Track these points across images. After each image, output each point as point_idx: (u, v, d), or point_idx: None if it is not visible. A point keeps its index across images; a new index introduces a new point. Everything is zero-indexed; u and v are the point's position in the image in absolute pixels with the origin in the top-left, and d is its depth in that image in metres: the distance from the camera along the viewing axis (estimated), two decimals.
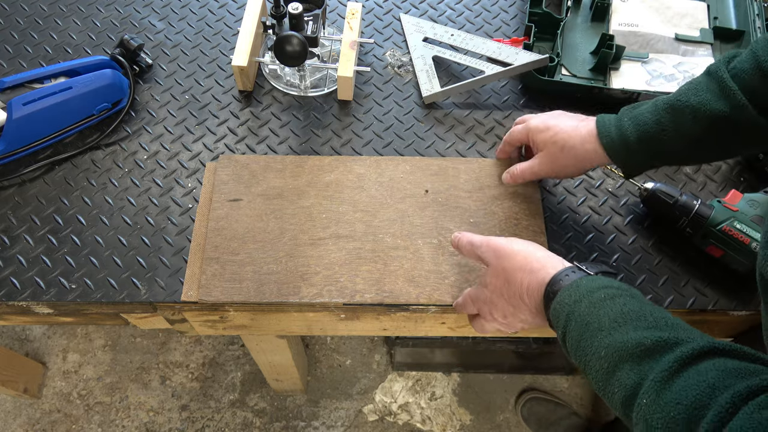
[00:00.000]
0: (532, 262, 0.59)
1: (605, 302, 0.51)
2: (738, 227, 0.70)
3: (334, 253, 0.74)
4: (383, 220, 0.76)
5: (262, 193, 0.77)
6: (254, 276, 0.72)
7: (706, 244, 0.74)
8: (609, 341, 0.48)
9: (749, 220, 0.71)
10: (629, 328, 0.48)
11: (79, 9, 0.98)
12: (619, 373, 0.46)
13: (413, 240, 0.75)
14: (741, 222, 0.71)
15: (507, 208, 0.78)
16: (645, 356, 0.45)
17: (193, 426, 1.44)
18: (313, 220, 0.76)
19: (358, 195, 0.78)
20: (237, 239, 0.74)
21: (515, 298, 0.59)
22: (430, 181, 0.80)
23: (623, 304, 0.50)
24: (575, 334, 0.51)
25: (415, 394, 1.48)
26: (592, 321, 0.50)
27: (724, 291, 0.75)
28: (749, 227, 0.70)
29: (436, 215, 0.77)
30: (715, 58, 0.94)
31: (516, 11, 1.01)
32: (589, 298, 0.51)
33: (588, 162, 0.70)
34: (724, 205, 0.72)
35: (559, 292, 0.54)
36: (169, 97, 0.89)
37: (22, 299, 0.73)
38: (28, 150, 0.81)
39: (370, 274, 0.73)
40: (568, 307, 0.52)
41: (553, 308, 0.54)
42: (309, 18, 0.85)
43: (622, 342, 0.47)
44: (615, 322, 0.49)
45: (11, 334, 1.54)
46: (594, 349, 0.49)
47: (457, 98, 0.91)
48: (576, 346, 0.51)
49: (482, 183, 0.80)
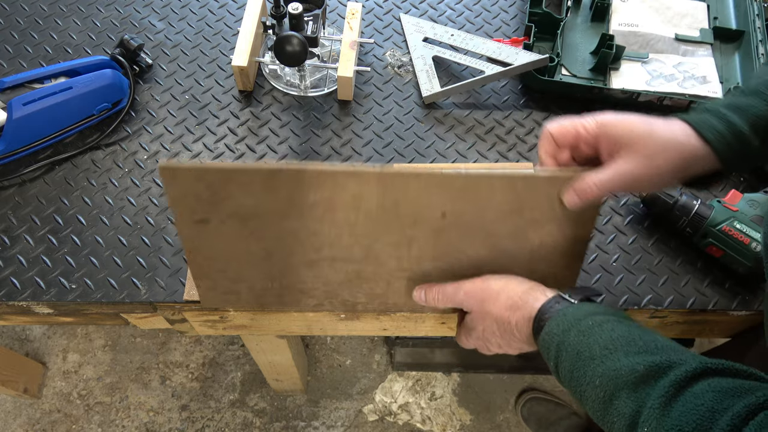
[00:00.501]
0: (515, 299, 0.57)
1: (593, 329, 0.50)
2: (738, 227, 0.71)
3: (332, 275, 0.65)
4: (386, 245, 0.63)
5: (233, 213, 0.59)
6: (250, 292, 0.67)
7: (706, 244, 0.74)
8: (602, 370, 0.47)
9: (749, 220, 0.71)
10: (620, 354, 0.47)
11: (79, 9, 0.98)
12: (616, 402, 0.45)
13: (421, 264, 0.64)
14: (741, 222, 0.71)
15: (546, 233, 0.61)
16: (640, 383, 0.44)
17: (193, 426, 1.44)
18: (302, 243, 0.62)
19: (354, 217, 0.60)
20: (220, 259, 0.64)
21: (507, 334, 0.58)
22: (451, 200, 0.59)
23: (611, 330, 0.49)
24: (567, 365, 0.50)
25: (415, 394, 1.48)
26: (583, 350, 0.49)
27: (724, 291, 0.75)
28: (749, 227, 0.70)
29: (453, 240, 0.62)
30: (715, 58, 0.94)
31: (516, 11, 1.01)
32: (578, 326, 0.50)
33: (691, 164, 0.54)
34: (724, 205, 0.72)
35: (546, 323, 0.53)
36: (169, 97, 0.89)
37: (22, 299, 0.73)
38: (28, 150, 0.81)
39: (372, 290, 0.67)
40: (558, 338, 0.51)
41: (542, 339, 0.53)
42: (309, 18, 0.85)
43: (615, 369, 0.46)
44: (606, 350, 0.48)
45: (11, 334, 1.54)
46: (588, 378, 0.48)
47: (457, 98, 0.91)
48: (569, 376, 0.50)
49: (522, 203, 0.59)
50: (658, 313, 0.76)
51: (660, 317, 0.77)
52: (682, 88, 0.89)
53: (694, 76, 0.90)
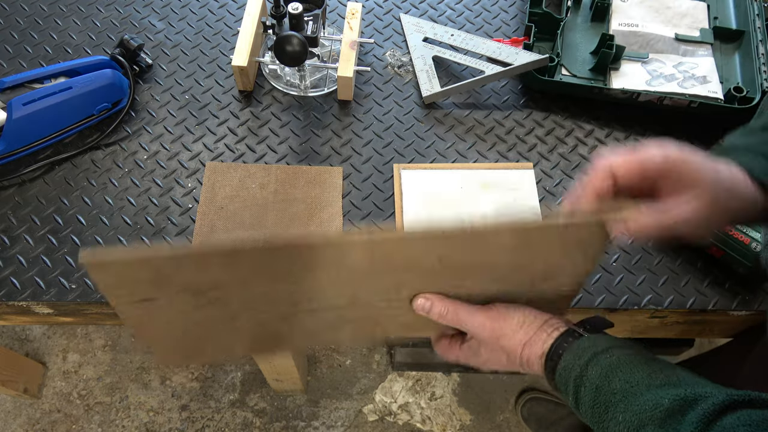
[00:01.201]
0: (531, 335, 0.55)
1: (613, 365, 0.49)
2: (738, 227, 0.70)
3: (311, 323, 0.58)
4: (374, 291, 0.56)
5: (185, 288, 0.51)
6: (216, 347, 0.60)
7: (706, 245, 0.74)
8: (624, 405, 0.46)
9: None
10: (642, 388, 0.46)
11: (79, 9, 0.98)
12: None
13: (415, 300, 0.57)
14: None
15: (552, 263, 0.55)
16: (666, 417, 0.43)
17: (193, 426, 1.44)
18: (274, 302, 0.55)
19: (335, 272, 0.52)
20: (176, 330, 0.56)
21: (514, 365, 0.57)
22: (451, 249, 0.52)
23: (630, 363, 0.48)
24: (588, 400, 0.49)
25: (415, 394, 1.48)
26: (603, 385, 0.48)
27: (724, 291, 0.75)
28: (749, 227, 0.70)
29: (449, 279, 0.56)
30: (716, 58, 0.94)
31: (516, 11, 1.01)
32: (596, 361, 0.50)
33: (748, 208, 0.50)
34: None
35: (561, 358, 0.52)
36: (169, 97, 0.89)
37: (22, 299, 0.73)
38: (28, 150, 0.81)
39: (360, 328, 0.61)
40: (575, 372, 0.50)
41: (559, 374, 0.52)
42: (309, 18, 0.85)
43: (639, 404, 0.45)
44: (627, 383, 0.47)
45: (11, 334, 1.54)
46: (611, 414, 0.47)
47: (457, 98, 0.91)
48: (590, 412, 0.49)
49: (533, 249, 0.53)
50: (658, 313, 0.76)
51: (660, 317, 0.77)
52: (682, 88, 0.89)
53: (694, 76, 0.90)
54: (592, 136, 0.88)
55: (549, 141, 0.87)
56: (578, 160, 0.86)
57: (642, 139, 0.88)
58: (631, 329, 0.83)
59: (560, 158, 0.86)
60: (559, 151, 0.86)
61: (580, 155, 0.86)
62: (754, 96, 0.85)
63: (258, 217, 0.78)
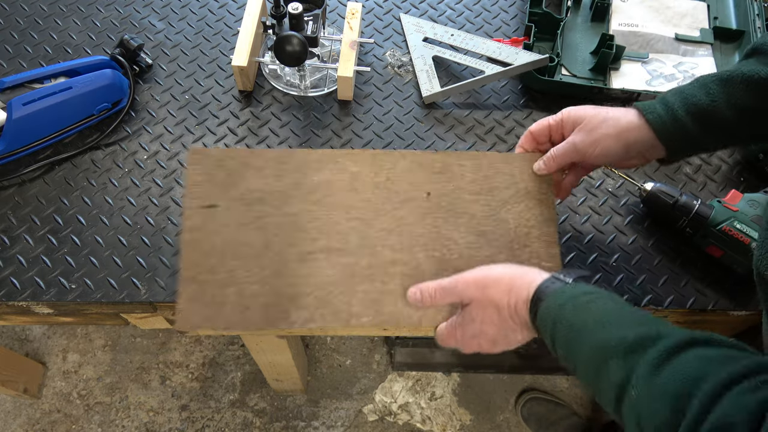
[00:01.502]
0: (516, 281, 0.59)
1: (588, 305, 0.52)
2: (738, 227, 0.70)
3: (326, 270, 0.65)
4: (380, 230, 0.67)
5: (241, 197, 0.65)
6: (237, 299, 0.63)
7: (706, 244, 0.74)
8: (594, 340, 0.50)
9: (749, 220, 0.71)
10: (612, 327, 0.49)
11: (79, 9, 0.98)
12: (606, 370, 0.47)
13: (414, 253, 0.66)
14: (741, 222, 0.71)
15: (518, 213, 0.68)
16: (629, 351, 0.46)
17: (193, 426, 1.44)
18: (301, 230, 0.65)
19: (351, 198, 0.67)
20: (215, 254, 0.64)
21: (506, 321, 0.59)
22: (433, 181, 0.69)
23: (604, 305, 0.52)
24: (562, 337, 0.52)
25: (415, 394, 1.48)
26: (577, 323, 0.51)
27: (724, 291, 0.75)
28: (749, 227, 0.70)
29: (439, 223, 0.68)
30: (716, 58, 0.94)
31: (516, 11, 1.01)
32: (573, 302, 0.53)
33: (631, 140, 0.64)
34: (724, 205, 0.72)
35: (543, 301, 0.55)
36: (169, 97, 0.89)
37: (22, 299, 0.73)
38: (28, 150, 0.81)
39: (367, 295, 0.64)
40: (554, 312, 0.53)
41: (539, 316, 0.55)
42: (309, 18, 0.85)
43: (606, 339, 0.49)
44: (598, 323, 0.50)
45: (11, 334, 1.54)
46: (581, 349, 0.50)
47: (457, 98, 0.91)
48: (565, 348, 0.52)
49: (491, 183, 0.69)
50: (658, 313, 0.76)
51: (660, 317, 0.77)
52: None
53: (694, 76, 0.90)
54: None
55: None
56: None
57: None
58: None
59: None
60: None
61: None
62: None
63: None
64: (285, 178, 0.67)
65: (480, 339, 0.61)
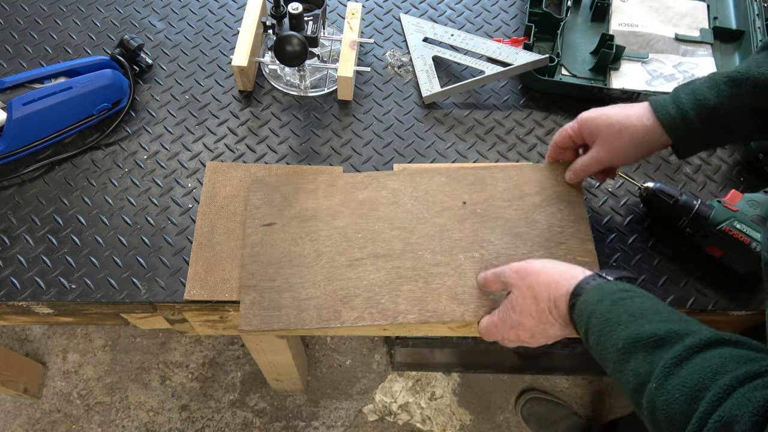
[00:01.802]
0: (556, 276, 0.61)
1: (624, 301, 0.54)
2: (738, 227, 0.70)
3: (373, 274, 0.71)
4: (421, 236, 0.74)
5: (296, 215, 0.75)
6: (293, 302, 0.70)
7: (706, 244, 0.74)
8: (626, 334, 0.51)
9: (749, 220, 0.71)
10: (644, 321, 0.51)
11: (79, 9, 0.98)
12: (633, 362, 0.49)
13: (454, 255, 0.72)
14: (741, 222, 0.71)
15: (550, 215, 0.75)
16: (657, 346, 0.48)
17: (193, 426, 1.44)
18: (349, 240, 0.74)
19: (393, 211, 0.75)
20: (273, 265, 0.72)
21: (544, 313, 0.61)
22: (467, 192, 0.76)
23: (641, 303, 0.53)
24: (596, 329, 0.54)
25: (415, 394, 1.48)
26: (612, 317, 0.53)
27: (724, 291, 0.75)
28: (749, 227, 0.70)
29: (476, 227, 0.74)
30: (715, 58, 0.94)
31: (516, 11, 1.01)
32: (610, 297, 0.55)
33: (647, 143, 0.68)
34: (724, 205, 0.72)
35: (582, 295, 0.57)
36: (169, 97, 0.89)
37: (22, 299, 0.73)
38: (28, 150, 0.81)
39: (412, 294, 0.70)
40: (591, 306, 0.55)
41: (577, 309, 0.57)
42: (309, 18, 0.85)
43: (638, 333, 0.50)
44: (632, 317, 0.52)
45: (11, 334, 1.54)
46: (612, 341, 0.52)
47: (457, 98, 0.91)
48: (597, 341, 0.54)
49: (522, 191, 0.77)
50: None
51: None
52: None
53: (694, 76, 0.90)
54: None
55: (549, 141, 0.87)
56: None
57: None
58: None
59: None
60: None
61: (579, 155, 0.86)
62: None
63: None
64: (333, 197, 0.77)
65: (518, 330, 0.64)
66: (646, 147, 0.69)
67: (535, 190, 0.77)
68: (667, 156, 0.86)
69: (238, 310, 0.74)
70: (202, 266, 0.74)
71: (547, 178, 0.78)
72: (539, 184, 0.77)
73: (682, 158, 0.71)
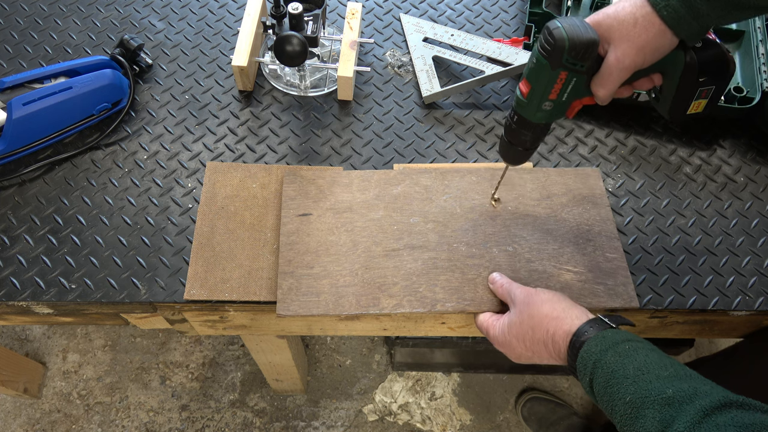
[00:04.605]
0: (559, 312, 0.62)
1: (629, 353, 0.55)
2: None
3: (410, 264, 0.73)
4: (455, 230, 0.76)
5: (331, 207, 0.77)
6: (331, 289, 0.71)
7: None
8: (634, 388, 0.52)
9: None
10: (652, 377, 0.52)
11: (79, 9, 0.98)
12: (642, 420, 0.50)
13: (488, 248, 0.75)
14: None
15: (577, 214, 0.78)
16: (666, 404, 0.49)
17: (193, 426, 1.44)
18: (385, 232, 0.76)
19: (427, 206, 0.78)
20: (310, 253, 0.74)
21: (538, 344, 0.62)
22: (498, 191, 0.78)
23: (645, 355, 0.55)
24: (602, 381, 0.55)
25: (415, 394, 1.48)
26: (618, 369, 0.54)
27: (724, 291, 0.75)
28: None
29: (508, 223, 0.77)
30: None
31: (516, 11, 1.01)
32: (615, 349, 0.56)
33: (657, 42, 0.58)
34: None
35: (585, 342, 0.58)
36: (169, 97, 0.89)
37: (22, 299, 0.73)
38: (28, 150, 0.81)
39: (449, 283, 0.72)
40: (595, 356, 0.56)
41: (580, 357, 0.58)
42: (309, 18, 0.85)
43: (646, 390, 0.51)
44: (639, 371, 0.53)
45: (11, 334, 1.54)
46: (620, 395, 0.53)
47: (457, 98, 0.91)
48: (603, 391, 0.55)
49: (549, 191, 0.80)
50: (658, 313, 0.76)
51: (660, 317, 0.77)
52: None
53: None
54: (592, 136, 0.88)
55: (549, 141, 0.87)
56: (578, 160, 0.86)
57: (642, 140, 0.88)
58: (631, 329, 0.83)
59: (560, 158, 0.86)
60: (559, 151, 0.86)
61: (580, 155, 0.86)
62: (754, 96, 0.85)
63: (259, 217, 0.78)
64: (368, 191, 0.79)
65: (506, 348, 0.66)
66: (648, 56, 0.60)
67: (561, 191, 0.80)
68: (667, 156, 0.86)
69: (238, 310, 0.74)
70: (202, 266, 0.74)
71: (572, 180, 0.81)
72: (565, 185, 0.80)
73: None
